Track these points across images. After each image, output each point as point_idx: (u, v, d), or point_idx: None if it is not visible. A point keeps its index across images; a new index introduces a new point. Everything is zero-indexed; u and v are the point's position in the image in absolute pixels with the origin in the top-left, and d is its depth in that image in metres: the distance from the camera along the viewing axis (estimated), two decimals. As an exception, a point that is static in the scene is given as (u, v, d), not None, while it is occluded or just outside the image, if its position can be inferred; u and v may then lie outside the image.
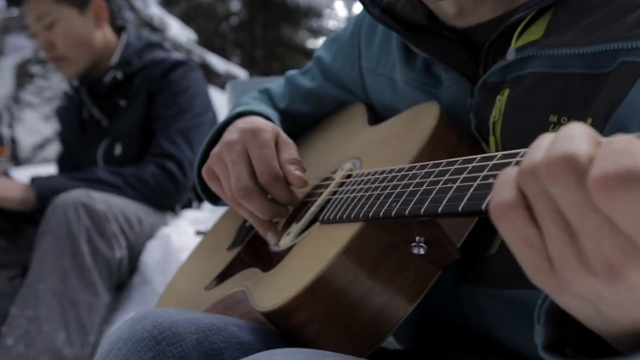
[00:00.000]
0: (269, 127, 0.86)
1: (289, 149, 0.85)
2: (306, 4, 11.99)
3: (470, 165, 0.56)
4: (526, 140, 0.42)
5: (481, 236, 0.72)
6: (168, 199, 1.82)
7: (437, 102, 0.78)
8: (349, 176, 0.81)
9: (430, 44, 0.82)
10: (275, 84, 1.20)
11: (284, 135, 0.87)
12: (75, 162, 2.07)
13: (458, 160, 0.58)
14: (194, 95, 1.91)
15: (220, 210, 1.81)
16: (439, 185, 0.58)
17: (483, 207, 0.50)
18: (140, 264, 1.71)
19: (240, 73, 9.86)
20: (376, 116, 0.97)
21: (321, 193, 0.83)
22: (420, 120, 0.77)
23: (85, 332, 1.55)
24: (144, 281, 1.68)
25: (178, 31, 4.35)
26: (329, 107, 1.10)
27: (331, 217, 0.73)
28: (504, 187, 0.38)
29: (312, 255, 0.71)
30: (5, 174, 1.79)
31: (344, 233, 0.68)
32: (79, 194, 1.58)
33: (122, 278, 1.71)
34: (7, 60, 6.38)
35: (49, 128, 7.14)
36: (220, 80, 8.54)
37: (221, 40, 13.44)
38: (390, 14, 0.84)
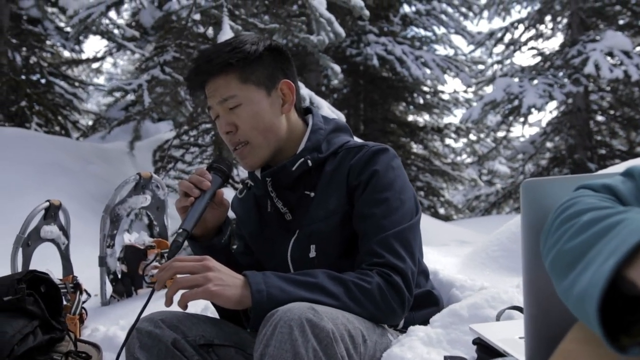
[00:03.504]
0: None
1: None
2: (412, 79, 11.82)
3: None
4: None
5: None
6: (392, 316, 1.53)
7: None
8: None
9: None
10: (616, 180, 0.92)
11: None
12: (256, 260, 1.85)
13: None
14: (402, 188, 1.65)
15: (455, 321, 1.53)
16: None
17: None
18: (366, 393, 1.42)
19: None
20: None
21: None
22: None
23: None
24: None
25: (328, 112, 4.20)
26: None
27: None
28: None
29: None
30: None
31: None
32: (303, 309, 1.32)
33: (342, 409, 1.42)
34: (142, 144, 6.56)
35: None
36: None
37: (327, 118, 13.50)
38: None
